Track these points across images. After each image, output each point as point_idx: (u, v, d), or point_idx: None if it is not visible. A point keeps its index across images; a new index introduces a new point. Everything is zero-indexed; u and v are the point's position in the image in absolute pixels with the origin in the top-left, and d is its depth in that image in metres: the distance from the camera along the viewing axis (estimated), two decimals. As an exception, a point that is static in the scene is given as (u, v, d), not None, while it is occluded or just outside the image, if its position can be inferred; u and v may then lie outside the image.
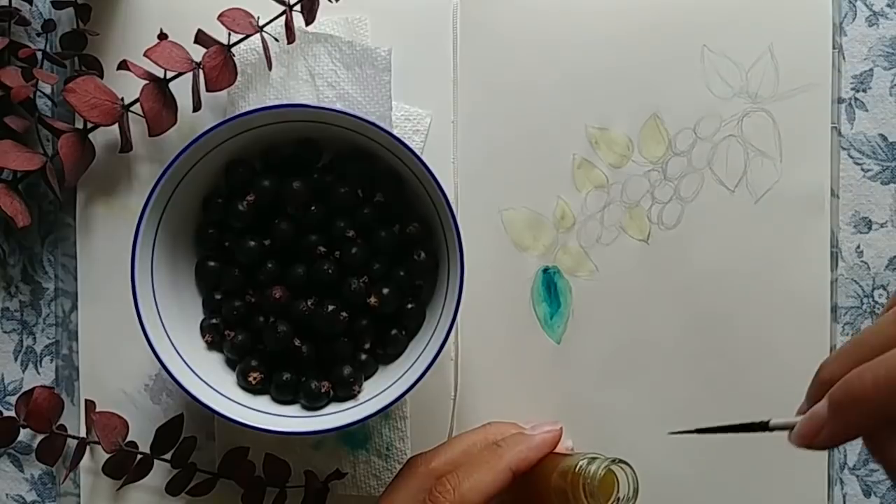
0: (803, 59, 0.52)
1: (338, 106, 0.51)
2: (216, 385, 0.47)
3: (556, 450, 0.46)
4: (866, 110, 0.53)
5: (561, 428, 0.47)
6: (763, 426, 0.37)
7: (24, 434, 0.53)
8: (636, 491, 0.42)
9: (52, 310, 0.54)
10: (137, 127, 0.51)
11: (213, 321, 0.49)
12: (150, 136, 0.50)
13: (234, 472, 0.51)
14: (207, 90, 0.49)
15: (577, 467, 0.42)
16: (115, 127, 0.51)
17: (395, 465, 0.51)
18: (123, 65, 0.49)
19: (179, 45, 0.49)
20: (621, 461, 0.42)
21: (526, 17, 0.52)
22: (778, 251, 0.52)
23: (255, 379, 0.48)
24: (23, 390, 0.53)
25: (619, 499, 0.41)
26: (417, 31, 0.52)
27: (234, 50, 0.50)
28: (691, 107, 0.52)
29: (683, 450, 0.52)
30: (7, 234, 0.54)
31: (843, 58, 0.53)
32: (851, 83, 0.53)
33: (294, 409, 0.48)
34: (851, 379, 0.31)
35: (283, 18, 0.50)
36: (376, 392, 0.47)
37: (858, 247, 0.53)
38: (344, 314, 0.48)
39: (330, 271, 0.48)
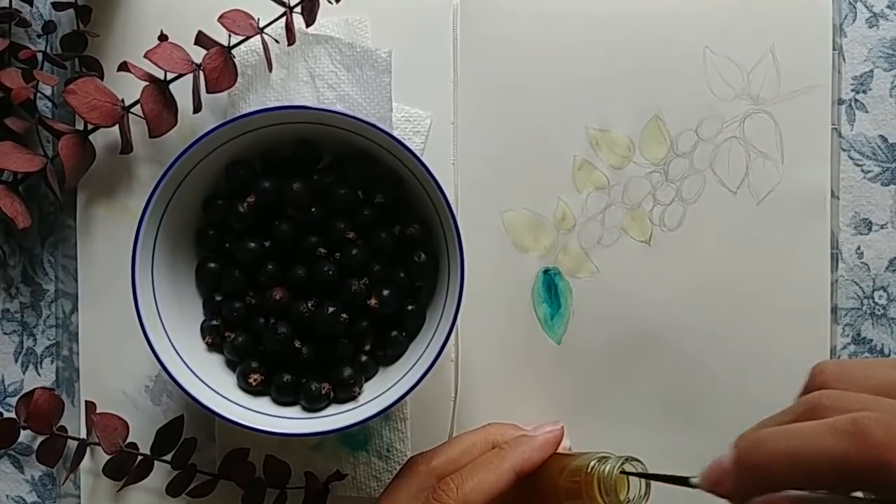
0: (804, 61, 0.52)
1: (338, 107, 0.51)
2: (216, 386, 0.47)
3: (557, 450, 0.46)
4: (866, 111, 0.53)
5: (562, 427, 0.47)
6: (684, 481, 0.36)
7: (24, 435, 0.53)
8: (648, 487, 0.42)
9: (52, 311, 0.54)
10: (138, 128, 0.51)
11: (214, 322, 0.49)
12: (150, 137, 0.50)
13: (234, 473, 0.51)
14: (208, 91, 0.49)
15: (590, 467, 0.42)
16: (116, 128, 0.51)
17: (396, 467, 0.51)
18: (124, 66, 0.49)
19: (180, 47, 0.49)
20: (634, 459, 0.42)
21: (526, 17, 0.52)
22: (779, 253, 0.52)
23: (255, 380, 0.48)
24: (23, 392, 0.53)
25: (630, 499, 0.41)
26: (417, 33, 0.52)
27: (234, 51, 0.50)
28: (693, 108, 0.52)
29: (684, 450, 0.52)
30: (7, 235, 0.54)
31: (844, 59, 0.53)
32: (851, 84, 0.53)
33: (294, 411, 0.48)
34: (753, 443, 0.31)
35: (283, 20, 0.50)
36: (377, 394, 0.47)
37: (859, 248, 0.53)
38: (344, 316, 0.48)
39: (330, 273, 0.48)
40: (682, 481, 0.37)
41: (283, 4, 0.49)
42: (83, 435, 0.53)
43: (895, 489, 0.27)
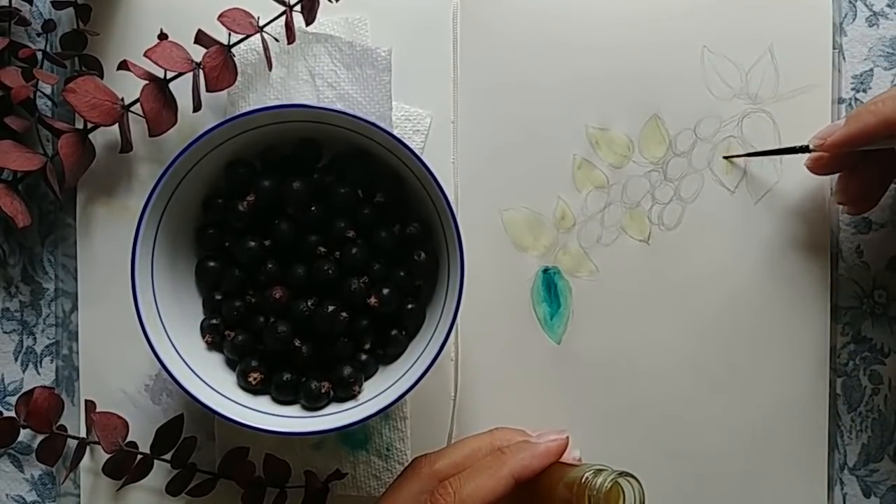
0: (803, 60, 0.52)
1: (338, 106, 0.51)
2: (216, 385, 0.47)
3: (563, 459, 0.46)
4: (866, 111, 0.53)
5: (567, 437, 0.46)
6: (804, 149, 0.49)
7: (24, 434, 0.53)
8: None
9: (52, 310, 0.54)
10: (137, 127, 0.51)
11: (214, 321, 0.49)
12: (150, 136, 0.50)
13: (234, 472, 0.51)
14: (207, 90, 0.49)
15: (583, 479, 0.41)
16: (116, 127, 0.51)
17: (395, 466, 0.51)
18: (123, 65, 0.49)
19: (179, 46, 0.49)
20: (628, 474, 0.41)
21: (526, 16, 0.52)
22: (778, 252, 0.52)
23: (255, 379, 0.48)
24: (23, 390, 0.53)
25: None
26: (417, 32, 0.52)
27: (234, 50, 0.50)
28: (691, 107, 0.52)
29: (683, 449, 0.52)
30: (7, 234, 0.54)
31: (844, 58, 0.53)
32: (852, 83, 0.53)
33: (294, 410, 0.48)
34: (863, 106, 0.47)
35: (283, 18, 0.50)
36: (376, 392, 0.47)
37: (858, 247, 0.53)
38: (344, 314, 0.48)
39: (330, 271, 0.48)
40: (792, 150, 0.50)
41: (283, 3, 0.49)
42: (83, 434, 0.53)
43: None
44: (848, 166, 0.50)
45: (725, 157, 0.52)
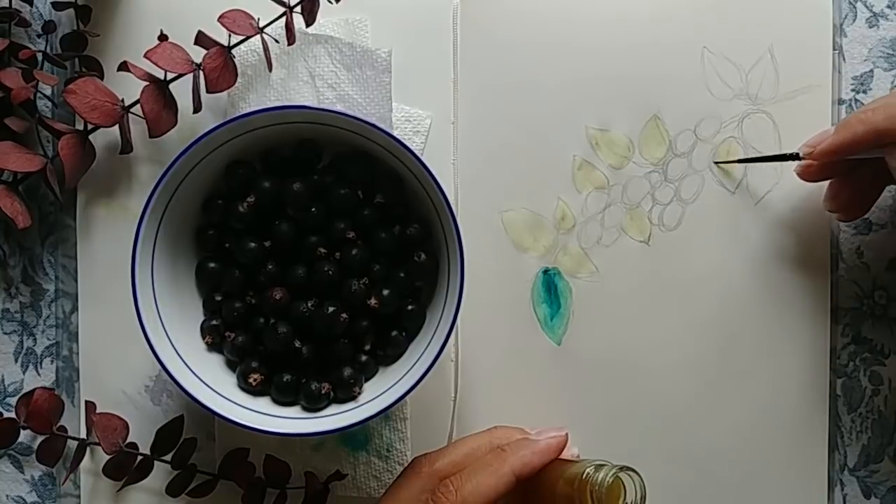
0: (803, 61, 0.52)
1: (338, 107, 0.51)
2: (216, 386, 0.47)
3: (562, 456, 0.46)
4: (866, 111, 0.53)
5: (566, 434, 0.47)
6: (795, 157, 0.49)
7: (24, 435, 0.53)
8: (644, 498, 0.41)
9: (52, 311, 0.54)
10: (138, 128, 0.51)
11: (214, 322, 0.49)
12: (150, 137, 0.50)
13: (234, 473, 0.51)
14: (208, 91, 0.49)
15: (585, 474, 0.42)
16: (116, 128, 0.51)
17: (396, 467, 0.51)
18: (124, 66, 0.49)
19: (180, 47, 0.49)
20: (629, 468, 0.41)
21: (526, 17, 0.52)
22: (778, 252, 0.52)
23: (255, 380, 0.48)
24: (23, 391, 0.53)
25: None
26: (417, 32, 0.53)
27: (234, 51, 0.50)
28: (691, 108, 0.52)
29: (683, 450, 0.52)
30: (7, 235, 0.54)
31: (844, 59, 0.53)
32: (852, 84, 0.53)
33: (294, 411, 0.48)
34: (852, 115, 0.46)
35: (283, 20, 0.50)
36: (377, 393, 0.47)
37: (859, 248, 0.53)
38: (344, 315, 0.48)
39: (330, 272, 0.48)
40: (783, 157, 0.50)
41: (283, 4, 0.49)
42: (83, 435, 0.53)
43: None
44: (838, 174, 0.50)
45: (717, 163, 0.52)
